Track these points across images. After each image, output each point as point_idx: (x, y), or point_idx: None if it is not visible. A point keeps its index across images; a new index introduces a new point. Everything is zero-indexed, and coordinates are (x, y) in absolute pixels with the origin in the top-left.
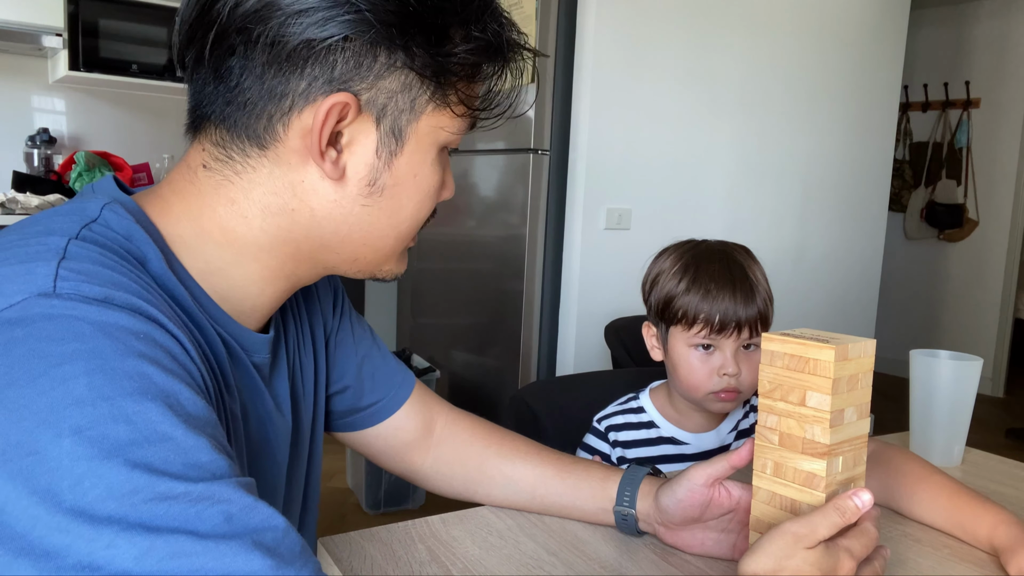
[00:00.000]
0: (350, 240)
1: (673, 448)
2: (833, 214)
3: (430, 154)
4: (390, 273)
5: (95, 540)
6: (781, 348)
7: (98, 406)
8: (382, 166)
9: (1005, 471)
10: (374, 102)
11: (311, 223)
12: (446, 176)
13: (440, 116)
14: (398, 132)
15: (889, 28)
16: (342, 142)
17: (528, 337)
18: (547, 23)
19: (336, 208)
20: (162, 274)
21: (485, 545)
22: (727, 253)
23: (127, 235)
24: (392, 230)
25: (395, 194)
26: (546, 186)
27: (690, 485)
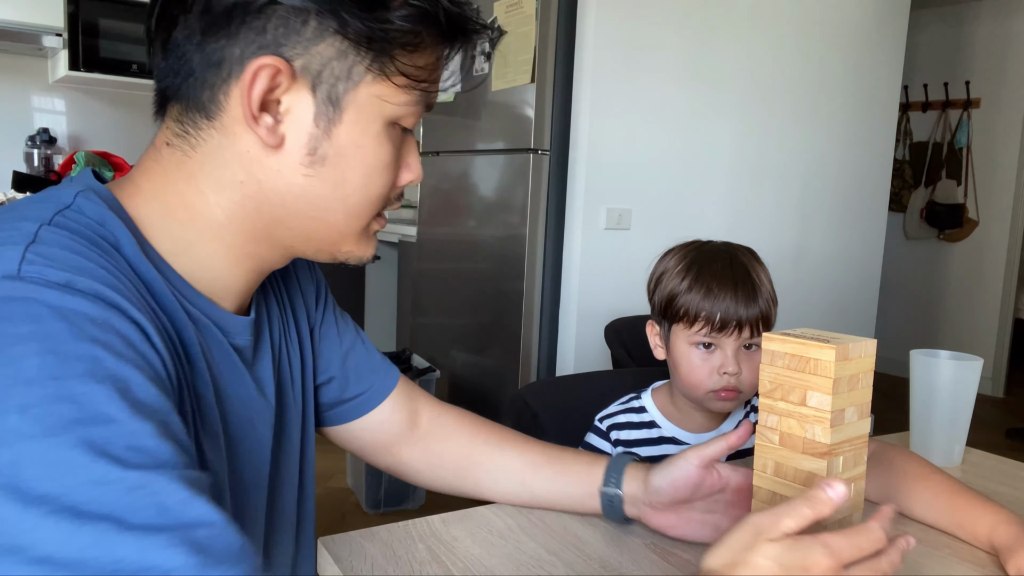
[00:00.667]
0: (299, 214)
1: (674, 448)
2: (833, 214)
3: (373, 126)
4: (352, 256)
5: (23, 521)
6: (782, 348)
7: (46, 385)
8: (321, 135)
9: (1005, 471)
10: (308, 68)
11: (259, 196)
12: (408, 157)
13: (381, 87)
14: (335, 100)
15: (889, 28)
16: (280, 110)
17: (528, 337)
18: (547, 23)
19: (279, 179)
20: (134, 257)
21: (485, 544)
22: (731, 253)
23: (100, 220)
24: (339, 204)
25: (338, 164)
26: (546, 186)
27: (686, 465)
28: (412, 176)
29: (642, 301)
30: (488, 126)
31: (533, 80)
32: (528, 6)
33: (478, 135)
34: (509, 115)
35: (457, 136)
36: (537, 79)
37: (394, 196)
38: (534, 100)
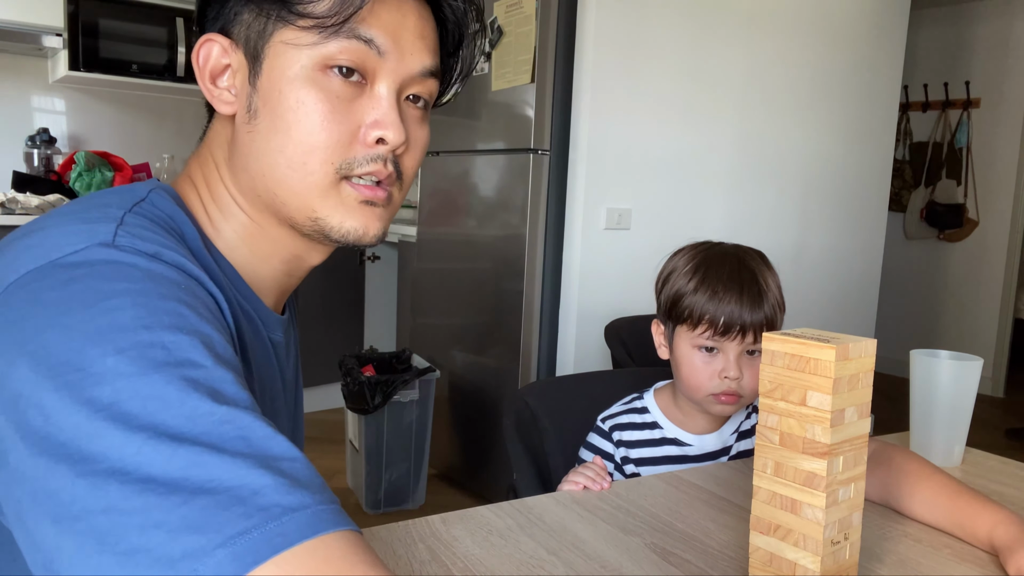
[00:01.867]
0: (256, 174)
1: (676, 449)
2: (833, 214)
3: (290, 70)
4: (331, 225)
5: (126, 446)
6: (782, 348)
7: (139, 333)
8: (252, 90)
9: (1005, 471)
10: (240, 36)
11: (237, 167)
12: (371, 110)
13: (288, 31)
14: (256, 55)
15: (889, 28)
16: (234, 82)
17: (528, 337)
18: (547, 23)
19: (238, 144)
20: (198, 250)
21: (485, 544)
22: (740, 257)
23: (170, 215)
24: (278, 155)
25: (265, 114)
26: (546, 186)
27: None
28: (379, 131)
29: (642, 301)
30: (488, 126)
31: (533, 80)
32: (528, 6)
33: (478, 135)
34: (509, 115)
35: (457, 136)
36: (537, 79)
37: (364, 156)
38: (534, 100)
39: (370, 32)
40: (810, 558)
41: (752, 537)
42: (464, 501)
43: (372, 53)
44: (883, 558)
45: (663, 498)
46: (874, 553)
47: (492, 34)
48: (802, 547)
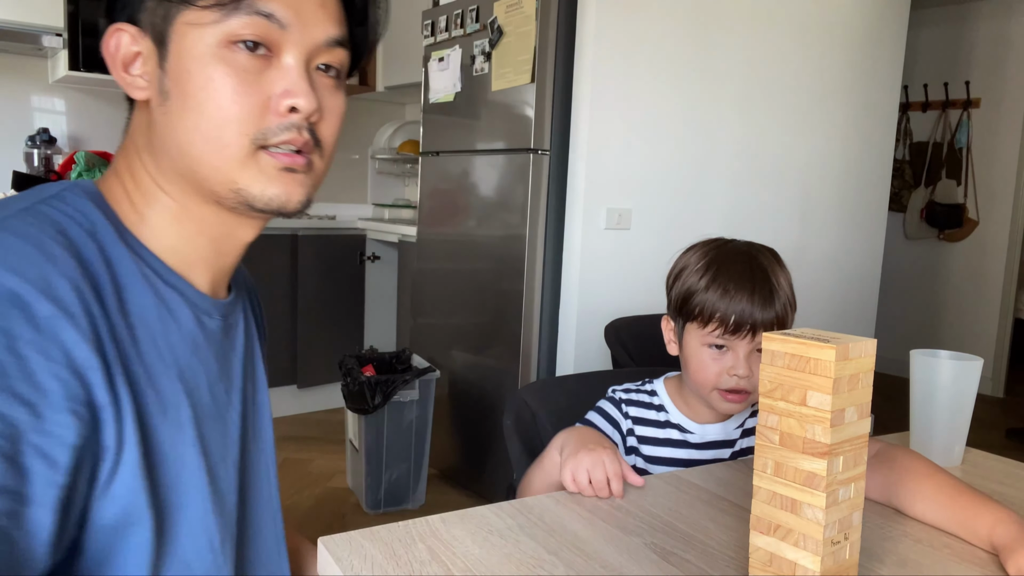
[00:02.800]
0: (174, 154)
1: (678, 434)
2: (833, 214)
3: (196, 49)
4: (253, 193)
5: None
6: (782, 348)
7: None
8: (162, 73)
9: (1005, 471)
10: (146, 23)
11: (155, 151)
12: (281, 80)
13: (190, 12)
14: (162, 39)
15: (889, 28)
16: (145, 69)
17: (528, 337)
18: (547, 23)
19: (155, 127)
20: (110, 244)
21: (485, 545)
22: (751, 255)
23: (81, 210)
24: (194, 132)
25: (177, 94)
26: (546, 186)
27: None
28: (290, 100)
29: (642, 301)
30: (488, 126)
31: (533, 80)
32: (528, 6)
33: (478, 135)
34: (509, 115)
35: (457, 136)
36: (537, 79)
37: (278, 124)
38: (534, 100)
39: (269, 7)
40: (810, 558)
41: (752, 537)
42: (464, 501)
43: (274, 27)
44: (883, 558)
45: (663, 498)
46: (874, 553)
47: (492, 34)
48: (802, 547)
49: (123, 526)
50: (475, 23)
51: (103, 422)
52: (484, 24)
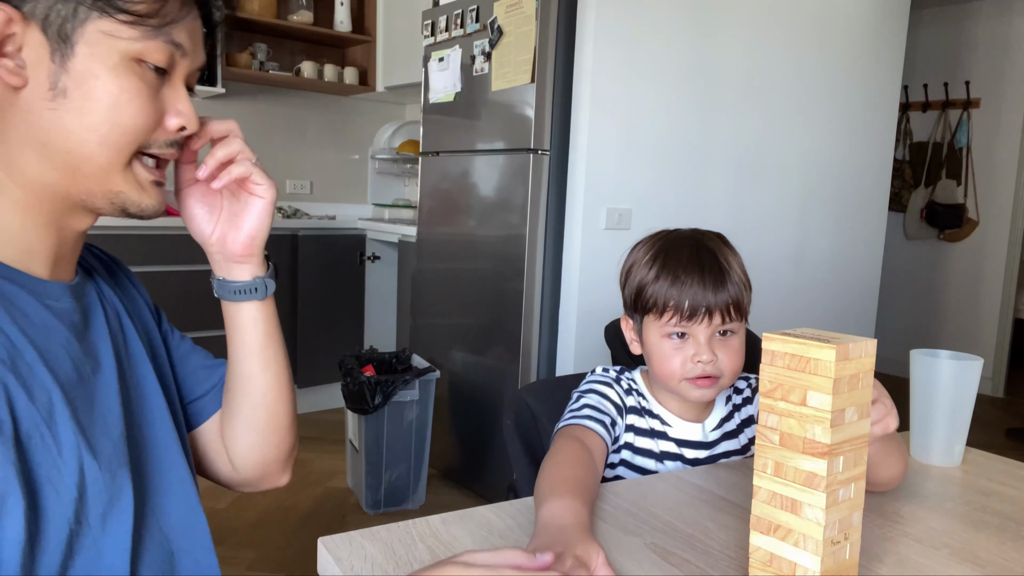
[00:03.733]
0: (55, 148)
1: (659, 424)
2: (833, 214)
3: (109, 58)
4: (128, 200)
5: None
6: (782, 348)
7: None
8: (58, 69)
9: (1005, 471)
10: (35, 12)
11: (19, 141)
12: (176, 103)
13: (107, 23)
14: (66, 36)
15: (889, 28)
16: (20, 55)
17: (528, 337)
18: (547, 23)
19: (30, 118)
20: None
21: (485, 544)
22: (697, 240)
23: None
24: (91, 133)
25: (79, 96)
26: (546, 186)
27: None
28: (181, 120)
29: None
30: (488, 126)
31: (533, 80)
32: (528, 6)
33: (478, 135)
34: (509, 115)
35: (457, 136)
36: (537, 79)
37: (164, 140)
38: (534, 100)
39: (180, 37)
40: (810, 558)
41: (752, 537)
42: (464, 501)
43: (178, 54)
44: (883, 558)
45: (663, 498)
46: (874, 553)
47: (492, 34)
48: (802, 547)
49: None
50: (475, 23)
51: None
52: (484, 24)
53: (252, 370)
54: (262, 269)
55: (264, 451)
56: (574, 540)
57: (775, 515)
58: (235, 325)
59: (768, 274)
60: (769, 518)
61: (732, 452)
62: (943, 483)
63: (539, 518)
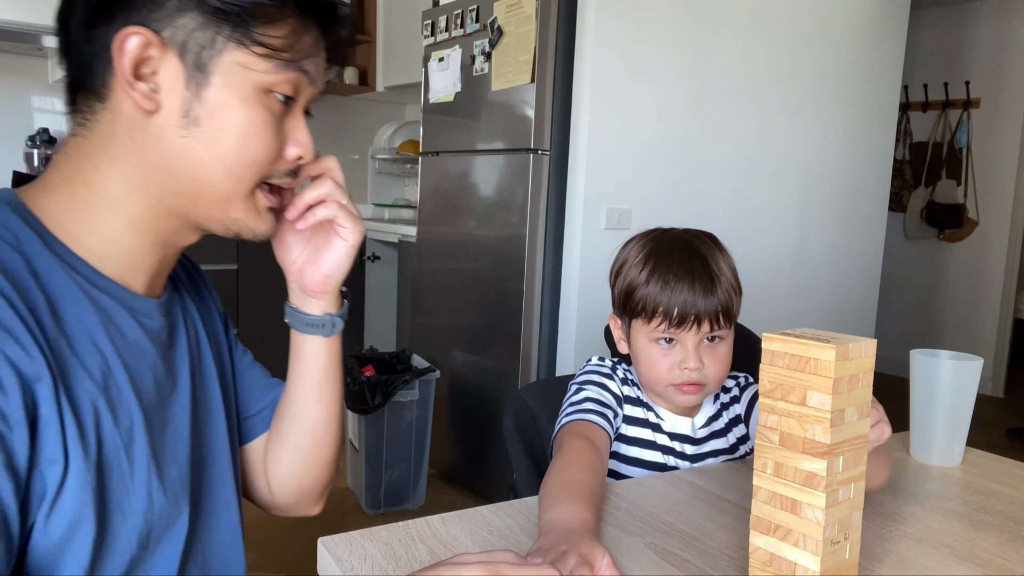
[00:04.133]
0: (182, 176)
1: (653, 416)
2: (833, 214)
3: (242, 90)
4: (244, 226)
5: None
6: (782, 348)
7: None
8: (193, 97)
9: (1005, 471)
10: (174, 39)
11: (146, 163)
12: (296, 133)
13: (243, 55)
14: (202, 65)
15: (889, 28)
16: (155, 79)
17: (528, 337)
18: (547, 23)
19: (160, 143)
20: (35, 255)
21: (485, 545)
22: (689, 243)
23: (3, 222)
24: (218, 163)
25: (211, 125)
26: (546, 186)
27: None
28: (300, 150)
29: None
30: (488, 126)
31: (533, 80)
32: (528, 6)
33: (478, 135)
34: (509, 115)
35: (457, 136)
36: (537, 79)
37: (283, 169)
38: (534, 100)
39: (309, 65)
40: (810, 558)
41: (752, 537)
42: (464, 501)
43: (305, 81)
44: (883, 558)
45: (663, 498)
46: (874, 553)
47: (492, 34)
48: (802, 547)
49: (68, 539)
50: (475, 23)
51: (45, 437)
52: (484, 24)
53: (307, 401)
54: (334, 306)
55: (303, 480)
56: (579, 540)
57: (775, 515)
58: (298, 355)
59: (768, 274)
60: (769, 518)
61: (720, 451)
62: (943, 483)
63: (544, 521)
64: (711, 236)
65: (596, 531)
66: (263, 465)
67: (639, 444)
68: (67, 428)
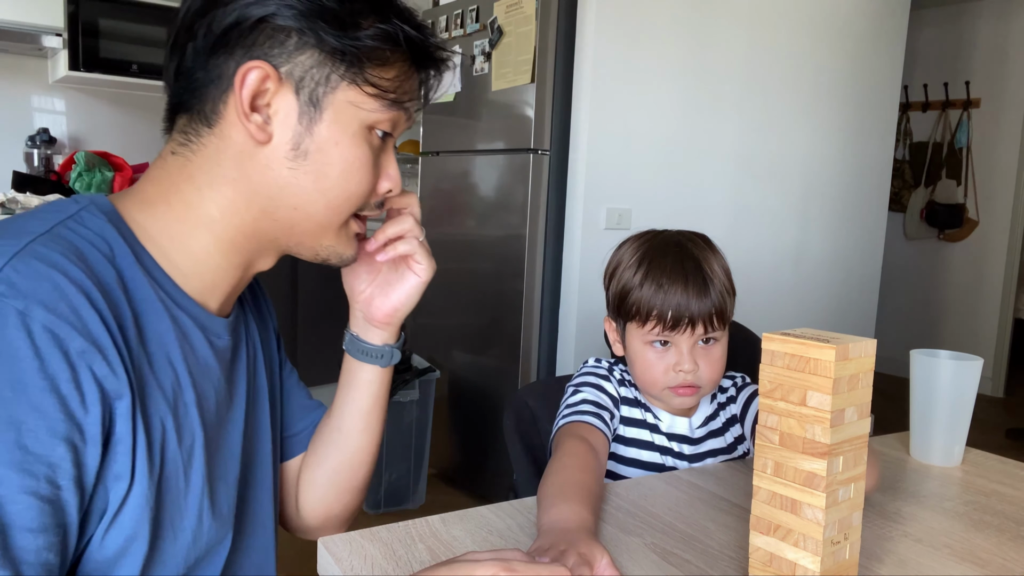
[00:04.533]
0: (283, 205)
1: (651, 417)
2: (833, 214)
3: (351, 127)
4: (333, 252)
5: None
6: (782, 348)
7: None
8: (304, 131)
9: (1005, 471)
10: (292, 74)
11: (249, 190)
12: (388, 167)
13: (354, 93)
14: (316, 101)
15: (889, 28)
16: (269, 112)
17: (528, 337)
18: (547, 23)
19: (267, 172)
20: (127, 268)
21: (485, 545)
22: (682, 245)
23: (99, 232)
24: (320, 196)
25: (319, 159)
26: (546, 186)
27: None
28: (390, 184)
29: None
30: (488, 126)
31: (533, 80)
32: (528, 6)
33: (478, 135)
34: (509, 115)
35: (457, 136)
36: (537, 79)
37: (374, 202)
38: (534, 100)
39: (411, 106)
40: (810, 558)
41: (752, 537)
42: (464, 501)
43: (403, 119)
44: (883, 558)
45: (663, 498)
46: (874, 553)
47: (492, 34)
48: (802, 547)
49: (121, 555)
50: (475, 23)
51: (116, 453)
52: (484, 24)
53: (352, 428)
54: (394, 338)
55: (332, 506)
56: (578, 540)
57: (775, 515)
58: (350, 381)
59: (768, 274)
60: (769, 518)
61: (718, 450)
62: (943, 483)
63: (543, 521)
64: (704, 237)
65: (594, 531)
66: (295, 486)
67: (637, 445)
68: (138, 446)
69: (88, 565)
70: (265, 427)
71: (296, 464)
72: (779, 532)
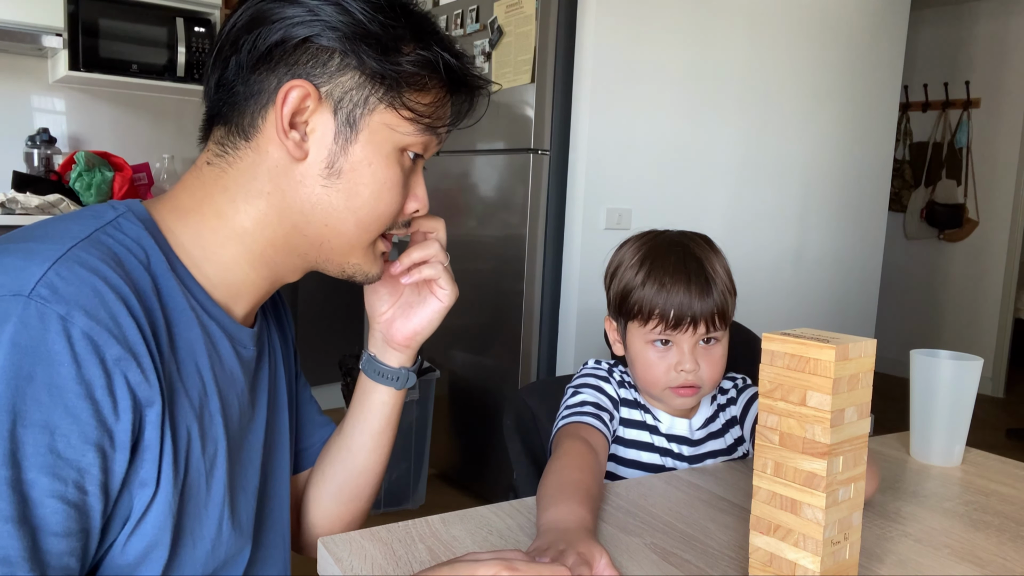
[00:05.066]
0: (315, 221)
1: (651, 419)
2: (833, 214)
3: (384, 147)
4: (360, 270)
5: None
6: (782, 348)
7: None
8: (339, 151)
9: (1005, 471)
10: (331, 94)
11: (282, 204)
12: (416, 188)
13: (391, 116)
14: (352, 122)
15: (889, 28)
16: (306, 129)
17: (528, 337)
18: (547, 23)
19: (301, 188)
20: (161, 275)
21: (485, 545)
22: (684, 245)
23: (136, 239)
24: (351, 214)
25: (352, 178)
26: (546, 186)
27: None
28: (418, 205)
29: None
30: (488, 126)
31: (533, 80)
32: (528, 6)
33: (478, 135)
34: (509, 115)
35: (457, 136)
36: (537, 79)
37: (401, 221)
38: (534, 100)
39: (443, 130)
40: (810, 558)
41: (752, 537)
42: (464, 501)
43: (435, 142)
44: (883, 558)
45: (663, 498)
46: (874, 553)
47: (492, 34)
48: (802, 547)
49: (141, 561)
50: (475, 23)
51: (143, 460)
52: (484, 24)
53: (362, 448)
54: (411, 361)
55: (334, 524)
56: (578, 540)
57: (775, 515)
58: (364, 401)
59: (768, 274)
60: (769, 518)
61: (718, 452)
62: (943, 483)
63: (543, 521)
64: (705, 238)
65: (594, 531)
66: (299, 502)
67: (637, 446)
68: (164, 453)
69: (109, 570)
70: (284, 440)
71: (301, 480)
72: (779, 532)
